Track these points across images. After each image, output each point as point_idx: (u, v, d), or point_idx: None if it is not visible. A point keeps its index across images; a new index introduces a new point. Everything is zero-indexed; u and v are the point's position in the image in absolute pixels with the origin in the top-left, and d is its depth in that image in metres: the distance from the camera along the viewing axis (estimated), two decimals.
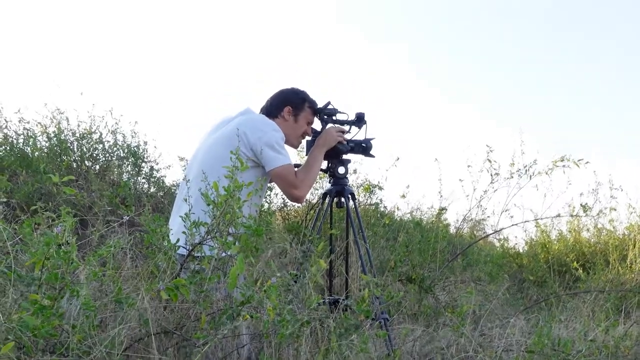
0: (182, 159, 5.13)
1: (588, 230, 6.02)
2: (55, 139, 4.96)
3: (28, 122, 5.10)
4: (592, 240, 5.91)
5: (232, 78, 11.09)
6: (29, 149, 4.94)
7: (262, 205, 4.34)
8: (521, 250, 6.10)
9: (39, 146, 4.96)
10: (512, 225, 4.89)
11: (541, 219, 5.13)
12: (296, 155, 4.60)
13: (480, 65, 12.57)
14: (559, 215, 5.09)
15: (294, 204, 5.03)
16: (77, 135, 5.13)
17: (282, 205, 5.16)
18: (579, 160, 4.21)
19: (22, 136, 5.07)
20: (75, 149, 5.09)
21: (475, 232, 5.98)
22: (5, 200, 2.28)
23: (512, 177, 4.51)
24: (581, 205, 4.91)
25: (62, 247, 1.50)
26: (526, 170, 4.41)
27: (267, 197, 4.94)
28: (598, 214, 5.20)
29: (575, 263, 5.23)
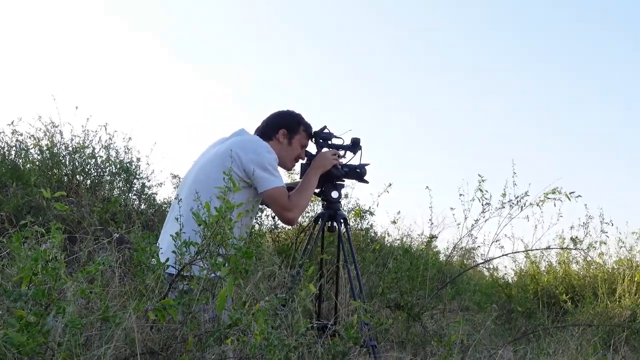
0: (174, 177, 5.13)
1: (578, 263, 6.02)
2: (47, 152, 4.93)
3: (21, 135, 5.07)
4: (582, 273, 5.91)
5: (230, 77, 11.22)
6: (20, 161, 4.91)
7: (253, 227, 4.32)
8: (510, 281, 6.09)
9: (30, 159, 4.93)
10: (502, 255, 4.89)
11: (531, 250, 5.14)
12: (287, 177, 4.61)
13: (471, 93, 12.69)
14: (549, 247, 5.09)
15: (285, 225, 5.01)
16: (70, 149, 5.11)
17: (273, 227, 5.14)
18: (571, 193, 4.23)
19: (14, 148, 5.04)
20: (67, 163, 5.06)
21: (465, 260, 5.97)
22: None
23: (504, 207, 4.51)
24: (571, 238, 4.92)
25: (50, 263, 1.48)
26: (517, 201, 4.42)
27: (258, 218, 4.92)
28: (588, 248, 5.21)
29: (564, 295, 5.22)
